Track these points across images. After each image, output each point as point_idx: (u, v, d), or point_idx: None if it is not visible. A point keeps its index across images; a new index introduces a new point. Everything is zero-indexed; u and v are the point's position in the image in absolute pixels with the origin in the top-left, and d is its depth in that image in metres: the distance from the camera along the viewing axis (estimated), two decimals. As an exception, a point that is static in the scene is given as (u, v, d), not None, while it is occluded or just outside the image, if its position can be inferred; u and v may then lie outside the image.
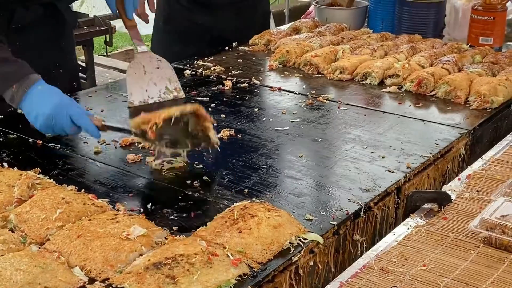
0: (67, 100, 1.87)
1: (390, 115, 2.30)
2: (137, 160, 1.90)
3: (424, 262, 1.40)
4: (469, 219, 1.55)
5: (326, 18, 3.49)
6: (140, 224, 1.44)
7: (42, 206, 1.51)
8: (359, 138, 2.09)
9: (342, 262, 1.60)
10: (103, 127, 1.86)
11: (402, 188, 1.81)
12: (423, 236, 1.52)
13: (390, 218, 1.78)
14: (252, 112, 2.32)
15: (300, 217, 1.58)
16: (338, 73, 2.69)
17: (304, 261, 1.46)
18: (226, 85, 2.59)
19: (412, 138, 2.08)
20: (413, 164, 1.89)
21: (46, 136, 2.04)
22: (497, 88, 2.39)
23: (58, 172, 1.82)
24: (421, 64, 2.70)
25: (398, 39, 3.11)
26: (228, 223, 1.47)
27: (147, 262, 1.30)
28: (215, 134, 1.88)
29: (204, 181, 1.77)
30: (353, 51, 2.91)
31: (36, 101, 1.85)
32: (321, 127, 2.19)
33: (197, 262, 1.30)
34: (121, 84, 2.68)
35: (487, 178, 1.80)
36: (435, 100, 2.45)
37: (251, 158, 1.94)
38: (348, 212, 1.62)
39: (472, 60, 2.83)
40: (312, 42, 3.00)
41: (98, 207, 1.54)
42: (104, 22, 4.69)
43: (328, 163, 1.91)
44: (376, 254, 1.44)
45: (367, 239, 1.69)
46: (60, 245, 1.40)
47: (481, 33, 3.09)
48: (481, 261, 1.41)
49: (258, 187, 1.75)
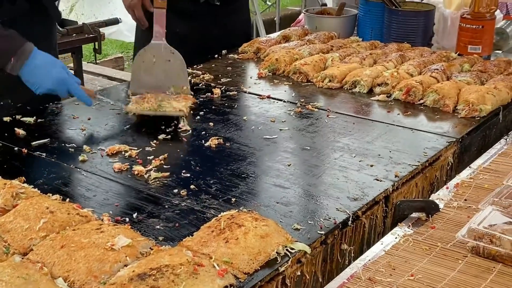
0: (65, 74, 2.16)
1: (379, 123, 2.30)
2: (124, 169, 1.88)
3: (411, 272, 1.39)
4: (457, 228, 1.55)
5: (316, 26, 3.49)
6: (125, 234, 1.42)
7: (26, 216, 1.49)
8: (348, 146, 2.08)
9: (330, 272, 1.59)
10: (94, 96, 2.29)
11: (390, 197, 1.80)
12: (411, 245, 1.51)
13: (378, 227, 1.77)
14: (240, 120, 2.31)
15: (288, 226, 1.57)
16: (327, 81, 2.69)
17: (291, 271, 1.44)
18: (215, 93, 2.57)
19: (400, 147, 2.07)
20: (401, 172, 1.88)
21: (32, 145, 2.02)
22: (486, 96, 2.39)
23: (43, 181, 1.80)
24: (410, 73, 2.70)
25: (387, 47, 3.12)
26: (215, 233, 1.46)
27: (131, 273, 1.28)
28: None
29: (191, 190, 1.76)
30: (342, 59, 2.91)
31: (37, 74, 2.13)
32: (310, 135, 2.18)
33: (183, 273, 1.28)
34: (109, 91, 2.67)
35: (475, 187, 1.80)
36: (424, 108, 2.45)
37: (239, 167, 1.93)
38: (336, 222, 1.61)
39: (461, 68, 2.84)
40: (301, 50, 3.00)
41: (82, 216, 1.52)
42: (93, 30, 4.67)
43: (317, 172, 1.90)
44: (364, 263, 1.43)
45: (355, 248, 1.68)
46: (43, 256, 1.38)
47: (469, 41, 3.09)
48: (469, 271, 1.41)
49: (246, 196, 1.74)
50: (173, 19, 3.00)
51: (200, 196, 1.73)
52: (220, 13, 3.11)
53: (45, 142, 2.07)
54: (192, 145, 2.08)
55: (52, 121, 2.28)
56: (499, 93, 2.45)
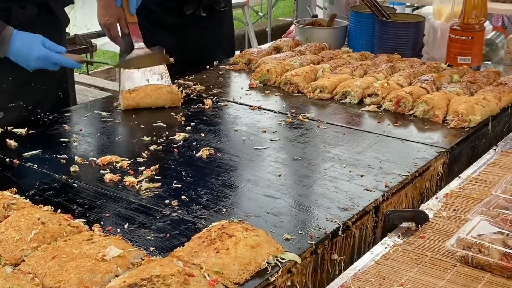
0: (45, 51, 2.21)
1: (369, 134, 2.32)
2: (115, 180, 1.89)
3: (401, 282, 1.40)
4: (446, 238, 1.56)
5: (307, 37, 3.51)
6: (116, 245, 1.43)
7: (17, 227, 1.49)
8: (338, 157, 2.09)
9: (320, 282, 1.60)
10: (82, 61, 2.40)
11: (380, 207, 1.81)
12: (400, 255, 1.52)
13: (368, 237, 1.78)
14: (231, 131, 2.32)
15: (279, 236, 1.58)
16: (318, 92, 2.71)
17: (282, 281, 1.45)
18: (206, 103, 2.59)
19: (390, 157, 2.09)
20: (391, 183, 1.89)
21: (23, 156, 2.03)
22: (475, 107, 2.41)
23: (34, 192, 1.80)
24: (400, 84, 2.72)
25: (377, 58, 3.14)
26: (206, 243, 1.46)
27: (122, 284, 1.29)
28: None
29: (182, 201, 1.77)
30: (333, 70, 2.93)
31: (20, 56, 2.21)
32: (300, 146, 2.20)
33: (173, 283, 1.29)
34: (100, 102, 2.68)
35: (464, 197, 1.81)
36: (414, 119, 2.47)
37: (230, 177, 1.94)
38: (326, 232, 1.62)
39: (450, 79, 2.86)
40: (292, 61, 3.02)
41: (74, 227, 1.52)
42: (85, 41, 4.69)
43: (307, 182, 1.91)
44: (354, 273, 1.44)
45: (346, 258, 1.68)
46: (34, 266, 1.38)
47: (459, 52, 3.12)
48: (458, 280, 1.42)
49: (236, 206, 1.75)
50: (158, 33, 3.03)
51: (191, 206, 1.74)
52: (204, 26, 3.12)
53: (36, 153, 2.07)
54: (183, 155, 2.09)
55: (44, 132, 2.28)
56: (488, 103, 2.47)
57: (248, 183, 1.90)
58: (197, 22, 3.10)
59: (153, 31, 3.03)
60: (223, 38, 3.32)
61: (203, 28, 3.13)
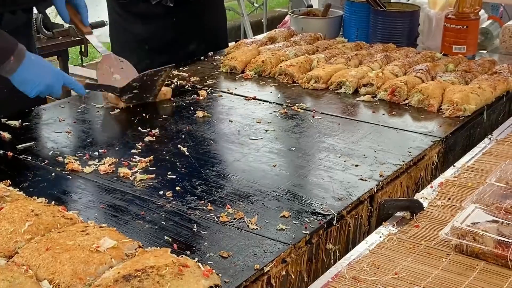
0: (57, 69, 2.24)
1: (364, 123, 2.31)
2: (109, 171, 1.88)
3: (395, 271, 1.40)
4: (441, 226, 1.56)
5: (302, 27, 3.50)
6: (110, 236, 1.42)
7: (11, 219, 1.49)
8: (333, 147, 2.09)
9: (315, 272, 1.60)
10: (87, 85, 2.36)
11: (375, 196, 1.81)
12: (395, 244, 1.52)
13: (363, 227, 1.78)
14: (226, 122, 2.31)
15: (273, 226, 1.58)
16: (313, 82, 2.70)
17: (276, 271, 1.45)
18: (201, 94, 2.58)
19: (385, 147, 2.09)
20: (386, 172, 1.89)
21: (17, 148, 2.02)
22: (470, 96, 2.41)
23: (28, 184, 1.80)
24: (395, 73, 2.71)
25: (372, 48, 3.13)
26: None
27: (116, 275, 1.28)
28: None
29: (176, 192, 1.76)
30: (328, 60, 2.92)
31: (35, 70, 2.09)
32: (295, 136, 2.19)
33: (168, 274, 1.29)
34: (94, 94, 2.66)
35: (459, 186, 1.81)
36: (409, 108, 2.46)
37: (224, 168, 1.93)
38: (321, 221, 1.62)
39: (445, 68, 2.86)
40: (287, 52, 3.01)
41: (68, 219, 1.52)
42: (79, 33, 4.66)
43: (302, 172, 1.91)
44: (348, 263, 1.44)
45: (340, 248, 1.68)
46: (28, 258, 1.38)
47: (454, 41, 3.12)
48: (452, 269, 1.42)
49: (231, 197, 1.75)
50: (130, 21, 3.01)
51: (186, 197, 1.73)
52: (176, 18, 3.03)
53: (30, 145, 2.06)
54: (178, 147, 2.08)
55: (38, 124, 2.28)
56: (483, 92, 2.47)
57: (243, 174, 1.89)
58: (166, 14, 3.03)
59: (125, 18, 3.01)
60: (202, 33, 3.17)
61: (173, 20, 3.03)
